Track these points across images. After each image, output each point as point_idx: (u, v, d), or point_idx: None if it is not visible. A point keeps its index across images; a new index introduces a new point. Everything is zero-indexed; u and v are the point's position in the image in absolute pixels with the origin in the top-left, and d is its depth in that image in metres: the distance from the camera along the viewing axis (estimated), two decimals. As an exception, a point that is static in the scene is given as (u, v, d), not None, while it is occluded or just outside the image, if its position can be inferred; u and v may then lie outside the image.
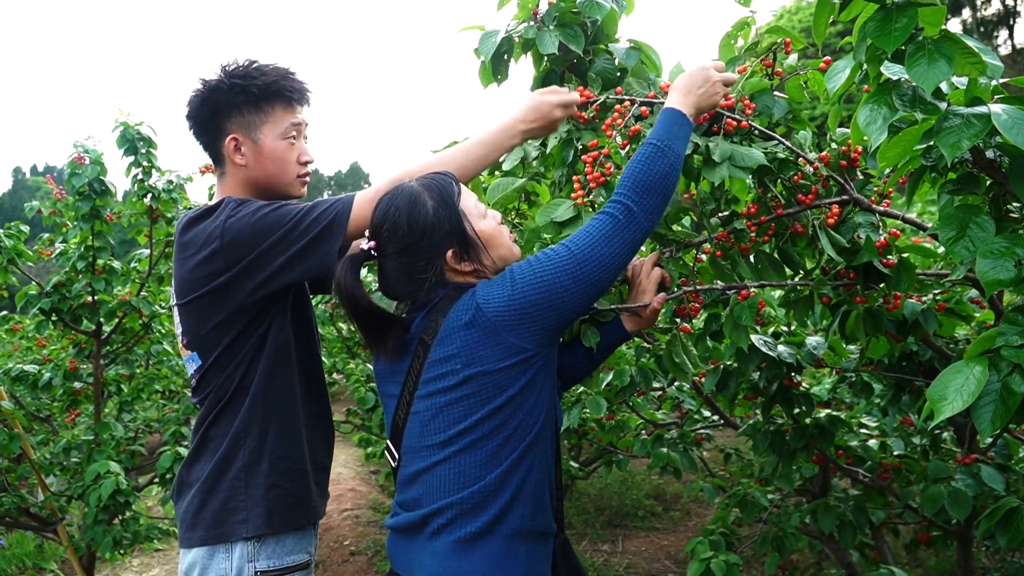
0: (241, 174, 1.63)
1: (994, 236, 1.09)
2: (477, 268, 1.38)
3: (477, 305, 1.30)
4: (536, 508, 1.32)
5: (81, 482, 3.21)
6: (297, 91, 1.63)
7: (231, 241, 1.45)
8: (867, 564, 2.50)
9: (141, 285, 3.67)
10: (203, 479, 1.53)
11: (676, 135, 1.37)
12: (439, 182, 1.41)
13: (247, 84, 1.58)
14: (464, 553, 1.27)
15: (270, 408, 1.55)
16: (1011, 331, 1.03)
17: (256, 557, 1.50)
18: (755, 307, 1.51)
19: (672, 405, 3.15)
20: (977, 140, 1.02)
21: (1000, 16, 23.13)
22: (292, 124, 1.62)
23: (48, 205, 3.68)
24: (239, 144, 1.60)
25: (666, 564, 4.40)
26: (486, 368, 1.29)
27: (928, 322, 1.62)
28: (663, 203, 1.36)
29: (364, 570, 4.55)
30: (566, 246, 1.32)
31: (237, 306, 1.50)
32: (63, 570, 4.68)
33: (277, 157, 1.61)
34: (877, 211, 1.47)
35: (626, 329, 1.57)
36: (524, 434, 1.30)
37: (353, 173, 62.65)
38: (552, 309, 1.29)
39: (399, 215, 1.38)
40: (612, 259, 1.31)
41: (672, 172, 1.35)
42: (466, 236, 1.38)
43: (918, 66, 1.05)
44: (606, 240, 1.31)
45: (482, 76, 1.72)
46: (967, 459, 1.85)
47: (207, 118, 1.62)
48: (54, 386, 3.73)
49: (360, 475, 6.86)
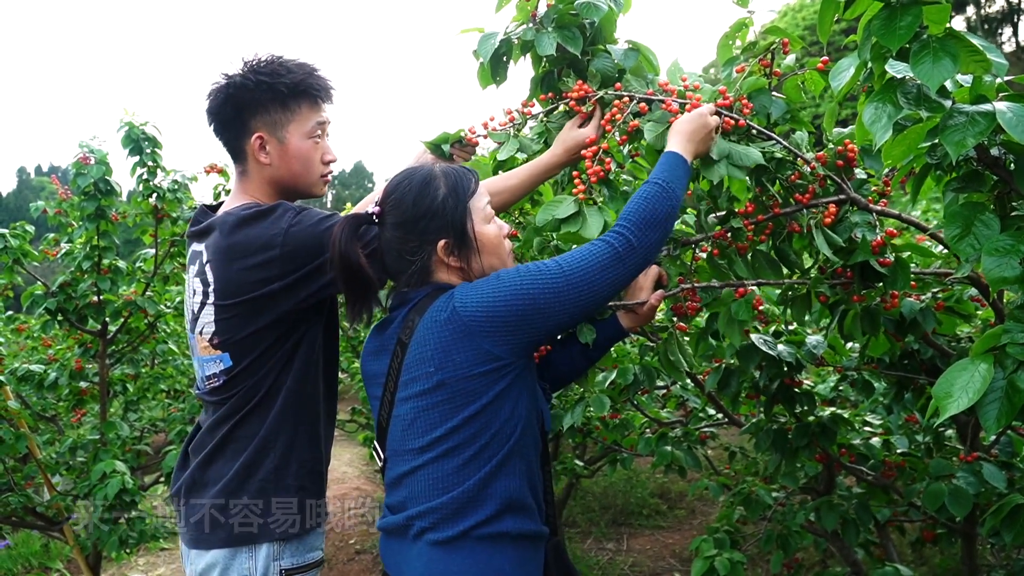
0: (266, 173, 1.59)
1: (999, 234, 1.09)
2: (463, 267, 1.38)
3: (454, 307, 1.29)
4: (520, 512, 1.31)
5: (87, 481, 3.22)
6: (323, 89, 1.60)
7: (292, 251, 1.43)
8: (872, 562, 2.50)
9: (146, 285, 3.68)
10: (226, 480, 1.51)
11: (678, 177, 1.39)
12: (458, 173, 1.41)
13: (274, 82, 1.54)
14: (447, 555, 1.27)
15: (300, 412, 1.55)
16: (1016, 328, 1.03)
17: (281, 556, 1.51)
18: (751, 304, 1.51)
19: (677, 403, 3.15)
20: (982, 138, 1.02)
21: (1004, 13, 23.06)
22: (318, 123, 1.59)
23: (53, 205, 3.69)
24: (264, 143, 1.56)
25: (671, 562, 4.40)
26: (458, 374, 1.28)
27: (926, 320, 1.63)
28: (662, 241, 1.37)
29: (369, 569, 4.56)
30: (559, 263, 1.31)
31: (282, 313, 1.48)
32: (69, 569, 4.70)
33: (303, 156, 1.59)
34: (874, 210, 1.48)
35: (623, 326, 1.57)
36: (503, 442, 1.29)
37: (357, 172, 62.67)
38: (528, 322, 1.27)
39: (409, 189, 1.38)
40: (602, 288, 1.30)
41: (673, 213, 1.37)
42: (464, 232, 1.37)
43: (923, 64, 1.05)
44: (600, 269, 1.30)
45: (481, 78, 1.72)
46: (969, 457, 1.85)
47: (231, 115, 1.57)
48: (60, 386, 3.74)
49: (365, 474, 6.87)
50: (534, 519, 1.34)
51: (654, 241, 1.34)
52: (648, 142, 1.49)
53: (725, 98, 1.51)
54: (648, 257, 1.35)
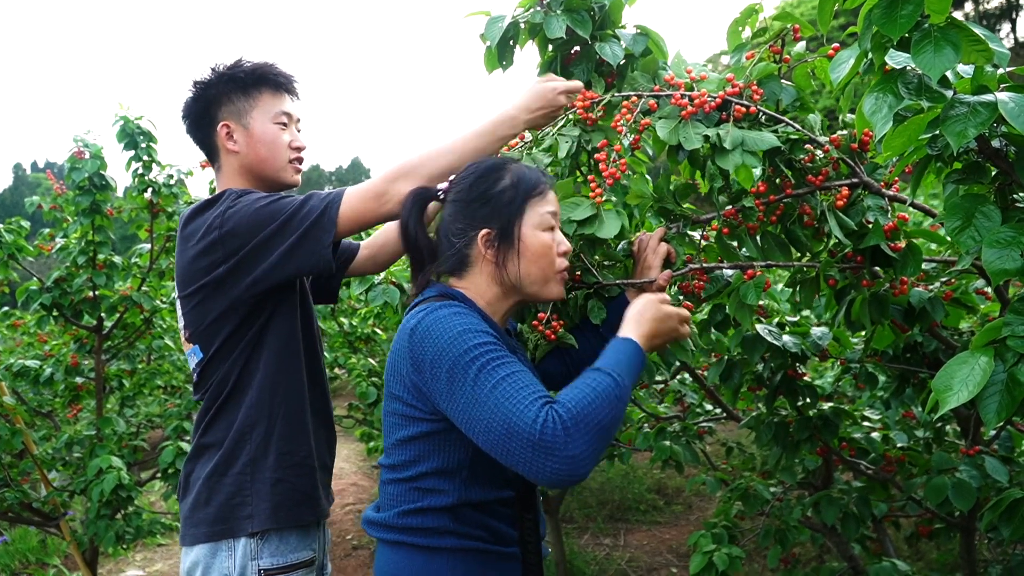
0: (235, 161, 1.64)
1: (1000, 225, 1.08)
2: (498, 265, 1.32)
3: (415, 324, 1.23)
4: (480, 527, 1.27)
5: (83, 477, 3.21)
6: (283, 77, 1.67)
7: (230, 231, 1.45)
8: (869, 557, 2.50)
9: (142, 280, 3.67)
10: (207, 474, 1.52)
11: (633, 373, 1.21)
12: (532, 173, 1.35)
13: (234, 73, 1.63)
14: (395, 556, 1.28)
15: (277, 402, 1.54)
16: (1017, 321, 1.02)
17: (260, 555, 1.49)
18: (762, 286, 1.47)
19: (674, 399, 3.15)
20: (983, 129, 1.01)
21: (1003, 9, 23.04)
22: (281, 111, 1.65)
23: (48, 200, 3.67)
24: (231, 131, 1.63)
25: (668, 558, 4.41)
26: (398, 392, 1.27)
27: (935, 310, 1.61)
28: (597, 456, 1.11)
29: (367, 564, 4.56)
30: (499, 392, 1.13)
31: (234, 300, 1.49)
32: (66, 565, 4.69)
33: (268, 140, 1.63)
34: (887, 195, 1.46)
35: None
36: (455, 467, 1.25)
37: (354, 168, 62.58)
38: (439, 407, 1.21)
39: (474, 172, 1.36)
40: (500, 453, 1.12)
41: (619, 420, 1.14)
42: (509, 227, 1.31)
43: (924, 54, 1.04)
44: (516, 438, 1.09)
45: (487, 62, 1.70)
46: (971, 451, 1.85)
47: (200, 113, 1.65)
48: (56, 381, 3.74)
49: (362, 470, 6.87)
50: (500, 530, 1.30)
51: (590, 453, 1.08)
52: (663, 139, 1.45)
53: (734, 86, 1.49)
54: (575, 472, 1.08)
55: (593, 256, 1.58)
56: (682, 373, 2.93)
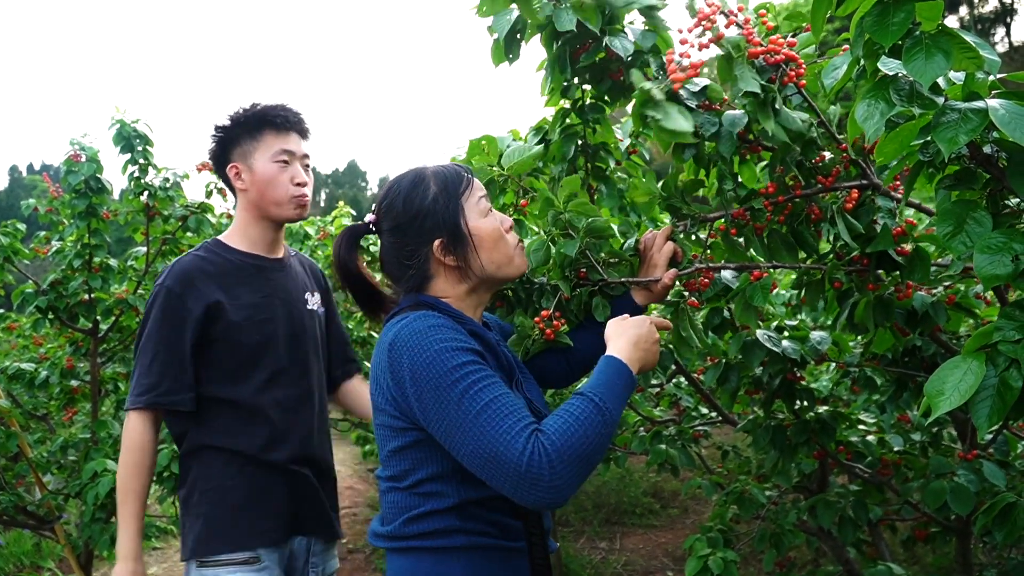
0: (244, 199, 1.85)
1: (991, 231, 1.09)
2: (461, 266, 1.34)
3: (392, 338, 1.23)
4: (486, 523, 1.27)
5: (78, 480, 3.20)
6: (282, 117, 1.82)
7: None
8: (864, 561, 2.50)
9: (138, 283, 3.66)
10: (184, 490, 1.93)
11: (619, 398, 1.20)
12: (450, 171, 1.37)
13: (246, 118, 1.82)
14: (405, 563, 1.28)
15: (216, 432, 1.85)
16: (1008, 326, 1.03)
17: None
18: (768, 288, 1.47)
19: (670, 402, 3.15)
20: (974, 135, 1.02)
21: (997, 13, 23.15)
22: (283, 149, 1.80)
23: (44, 203, 3.66)
24: (239, 171, 1.82)
25: (664, 561, 4.41)
26: (382, 405, 1.27)
27: (938, 314, 1.61)
28: (580, 482, 1.12)
29: (362, 567, 4.55)
30: (486, 408, 1.14)
31: None
32: (61, 568, 4.68)
33: (268, 178, 1.80)
34: (896, 198, 1.46)
35: (636, 303, 1.55)
36: (450, 471, 1.24)
37: (351, 171, 62.56)
38: (420, 420, 1.20)
39: (399, 192, 1.36)
40: (485, 472, 1.13)
41: (605, 447, 1.15)
42: (457, 229, 1.33)
43: (915, 61, 1.05)
44: (498, 463, 1.11)
45: (494, 55, 1.70)
46: (968, 455, 1.85)
47: (218, 156, 1.86)
48: (51, 384, 3.72)
49: (358, 473, 6.86)
50: (504, 534, 1.29)
51: (574, 482, 1.10)
52: (718, 71, 1.42)
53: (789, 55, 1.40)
54: (558, 499, 1.10)
55: (599, 253, 1.58)
56: (678, 377, 2.94)
